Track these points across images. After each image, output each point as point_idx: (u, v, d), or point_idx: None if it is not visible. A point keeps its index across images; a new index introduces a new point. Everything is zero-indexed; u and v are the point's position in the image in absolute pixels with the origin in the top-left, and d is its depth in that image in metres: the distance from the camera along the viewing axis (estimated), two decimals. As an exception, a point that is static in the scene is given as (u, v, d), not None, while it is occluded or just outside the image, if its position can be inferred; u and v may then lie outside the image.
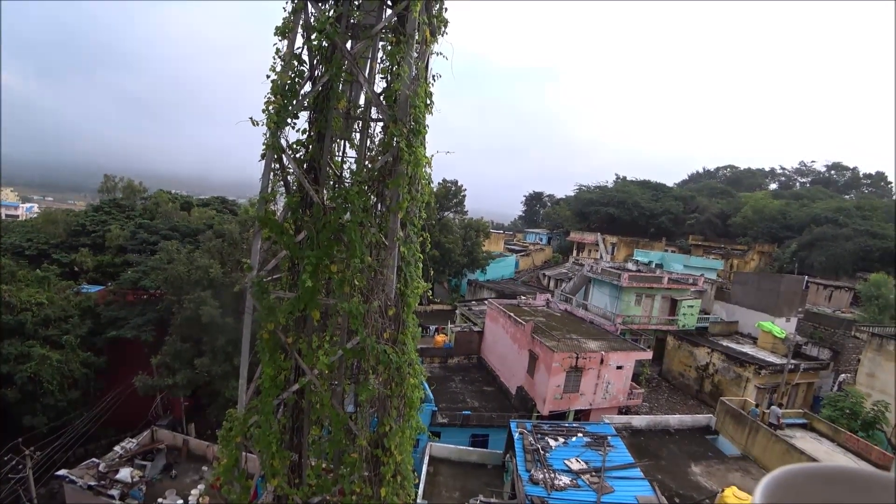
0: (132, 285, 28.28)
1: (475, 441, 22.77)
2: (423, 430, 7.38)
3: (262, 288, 6.29)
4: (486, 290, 49.70)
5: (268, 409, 6.42)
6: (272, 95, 6.01)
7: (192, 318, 23.66)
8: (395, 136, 6.09)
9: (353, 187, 6.28)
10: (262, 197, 6.35)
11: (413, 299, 6.89)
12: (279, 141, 6.22)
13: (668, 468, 18.76)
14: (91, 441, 24.06)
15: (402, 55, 6.03)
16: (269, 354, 6.44)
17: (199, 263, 25.35)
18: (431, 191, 7.12)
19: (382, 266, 6.48)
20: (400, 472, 6.80)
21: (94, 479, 19.44)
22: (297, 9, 6.19)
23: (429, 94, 6.62)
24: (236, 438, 6.57)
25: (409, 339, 6.79)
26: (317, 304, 6.28)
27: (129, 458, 21.21)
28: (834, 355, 31.16)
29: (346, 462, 6.39)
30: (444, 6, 6.96)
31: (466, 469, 19.80)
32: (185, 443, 22.82)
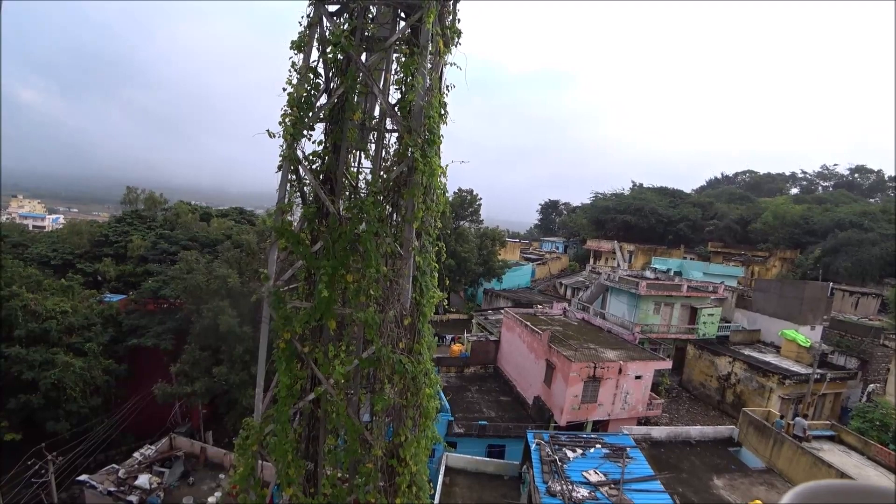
0: (152, 294, 28.83)
1: (492, 451, 22.54)
2: (438, 441, 7.34)
3: (279, 297, 6.36)
4: (503, 299, 49.49)
5: (284, 418, 6.45)
6: (289, 108, 6.12)
7: (211, 327, 23.98)
8: (410, 146, 6.13)
9: (368, 198, 6.33)
10: (278, 207, 6.44)
11: (429, 309, 6.89)
12: (295, 152, 6.31)
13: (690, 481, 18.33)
14: (111, 447, 24.45)
15: (415, 66, 6.09)
16: (286, 363, 6.48)
17: (217, 273, 25.73)
18: (447, 200, 7.14)
19: (398, 276, 6.50)
20: (415, 483, 6.76)
21: (113, 484, 19.74)
22: (312, 23, 6.31)
23: (443, 105, 6.66)
24: (253, 447, 6.62)
25: (425, 348, 6.78)
26: (333, 314, 6.32)
27: (148, 464, 21.50)
28: (862, 364, 30.22)
29: (361, 472, 6.38)
30: (457, 17, 7.02)
31: (483, 480, 19.60)
32: (203, 450, 23.05)
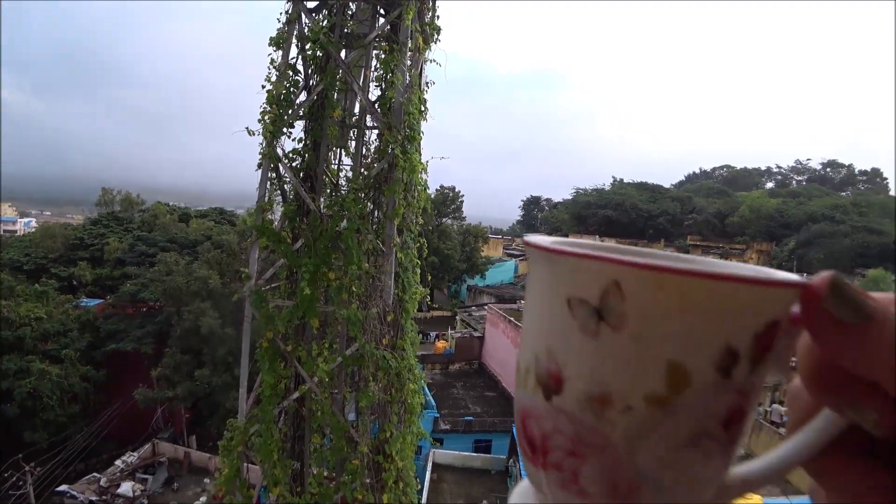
0: (131, 298, 28.25)
1: (478, 447, 22.67)
2: (424, 436, 7.37)
3: (261, 297, 6.31)
4: (486, 295, 49.69)
5: (268, 417, 6.41)
6: (268, 105, 6.07)
7: (192, 329, 23.63)
8: (390, 143, 6.14)
9: (349, 195, 6.32)
10: (259, 206, 6.39)
11: (411, 305, 6.91)
12: (275, 150, 6.27)
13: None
14: (92, 455, 23.92)
15: (395, 63, 6.09)
16: (269, 363, 6.44)
17: (197, 274, 25.35)
18: (428, 197, 7.17)
19: (380, 272, 6.51)
20: (402, 478, 6.79)
21: (95, 494, 19.34)
22: (291, 19, 6.26)
23: (423, 101, 6.68)
24: (237, 448, 6.57)
25: (409, 344, 6.81)
26: (315, 312, 6.30)
27: (131, 471, 21.10)
28: (835, 352, 31.13)
29: (347, 469, 6.39)
30: (436, 14, 7.04)
31: (470, 475, 19.72)
32: (187, 455, 22.73)
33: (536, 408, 0.33)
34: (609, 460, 0.31)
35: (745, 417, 0.31)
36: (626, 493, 0.31)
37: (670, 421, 0.29)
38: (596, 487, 0.32)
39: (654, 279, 0.27)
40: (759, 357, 0.30)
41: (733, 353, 0.28)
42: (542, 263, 0.33)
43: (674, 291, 0.27)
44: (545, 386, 0.32)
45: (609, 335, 0.29)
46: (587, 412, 0.30)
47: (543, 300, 0.33)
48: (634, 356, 0.29)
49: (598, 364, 0.30)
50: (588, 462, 0.31)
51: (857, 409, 0.28)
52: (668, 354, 0.28)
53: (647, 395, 0.29)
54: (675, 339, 0.28)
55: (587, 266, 0.29)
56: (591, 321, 0.29)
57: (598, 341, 0.29)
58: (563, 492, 0.33)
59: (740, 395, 0.30)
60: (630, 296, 0.28)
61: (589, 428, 0.30)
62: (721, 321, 0.28)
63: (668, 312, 0.27)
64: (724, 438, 0.31)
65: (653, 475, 0.31)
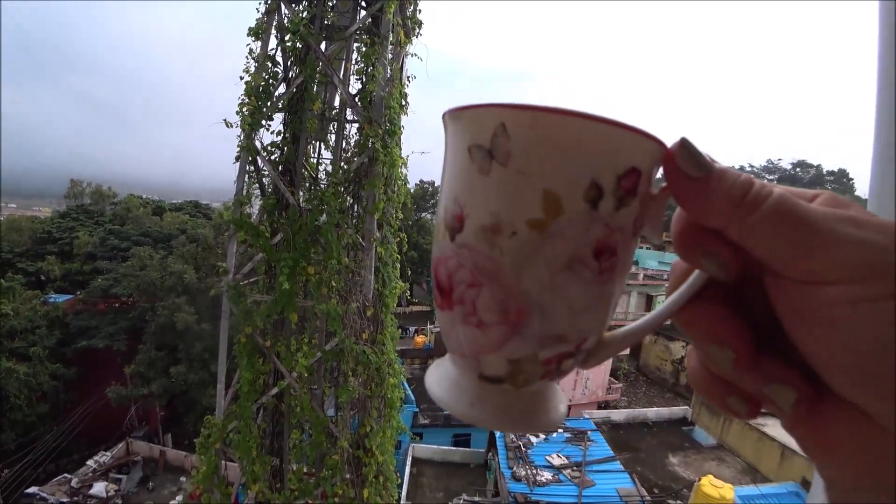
0: (103, 293, 27.48)
1: (457, 440, 22.83)
2: (404, 430, 7.40)
3: (239, 291, 6.24)
4: (466, 290, 49.74)
5: (247, 414, 6.35)
6: (246, 97, 5.98)
7: (167, 325, 23.16)
8: (371, 137, 6.11)
9: (328, 189, 6.27)
10: (237, 199, 6.30)
11: (391, 300, 6.91)
12: (254, 143, 6.18)
13: (647, 460, 19.16)
14: (63, 456, 23.29)
15: (376, 57, 6.05)
16: (247, 358, 6.38)
17: (172, 269, 24.83)
18: (408, 191, 7.16)
19: (360, 267, 6.49)
20: (382, 473, 6.81)
21: (66, 495, 18.84)
22: (270, 9, 6.17)
23: (403, 96, 6.66)
24: (215, 445, 6.49)
25: (388, 339, 6.81)
26: (294, 307, 6.25)
27: (104, 471, 20.63)
28: (803, 345, 32.15)
29: (327, 465, 6.37)
30: (418, 8, 7.01)
31: (450, 469, 19.86)
32: (162, 454, 22.32)
33: (444, 251, 0.37)
34: (500, 284, 0.34)
35: (615, 253, 0.35)
36: (515, 318, 0.35)
37: (548, 245, 0.33)
38: (490, 314, 0.35)
39: (531, 117, 0.31)
40: (623, 197, 0.34)
41: (598, 188, 0.33)
42: (451, 124, 0.37)
43: (547, 128, 0.31)
44: (451, 228, 0.36)
45: (498, 171, 0.33)
46: (482, 242, 0.34)
47: (453, 156, 0.37)
48: (517, 187, 0.33)
49: (490, 197, 0.34)
50: (484, 290, 0.35)
51: (708, 257, 0.32)
52: (544, 184, 0.32)
53: (529, 220, 0.33)
54: (549, 171, 0.32)
55: (481, 114, 0.33)
56: (485, 161, 0.33)
57: (490, 178, 0.33)
58: (466, 327, 0.37)
59: (608, 230, 0.34)
60: (513, 135, 0.32)
61: (484, 255, 0.34)
62: (587, 157, 0.32)
63: (542, 147, 0.32)
64: (597, 269, 0.35)
65: (537, 299, 0.34)
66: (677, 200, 0.34)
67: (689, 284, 0.36)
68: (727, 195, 0.31)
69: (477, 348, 0.38)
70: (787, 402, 0.31)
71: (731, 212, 0.31)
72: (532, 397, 0.41)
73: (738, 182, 0.31)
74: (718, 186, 0.31)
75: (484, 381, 0.40)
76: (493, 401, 0.40)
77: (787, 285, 0.30)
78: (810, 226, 0.29)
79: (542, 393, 0.42)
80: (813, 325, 0.29)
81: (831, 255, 0.28)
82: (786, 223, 0.29)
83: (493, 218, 0.34)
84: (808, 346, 0.30)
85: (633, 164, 0.33)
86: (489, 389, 0.40)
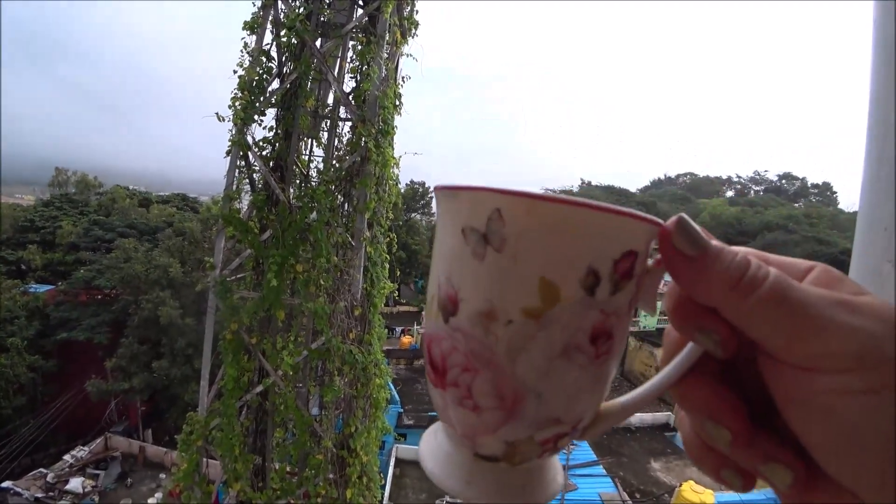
0: (85, 285, 27.03)
1: (442, 442, 22.80)
2: (388, 431, 7.37)
3: (226, 287, 6.17)
4: (454, 291, 49.75)
5: (230, 411, 6.28)
6: (239, 91, 5.92)
7: (150, 319, 22.85)
8: (364, 136, 6.09)
9: (319, 186, 6.23)
10: (226, 194, 6.23)
11: (379, 300, 6.89)
12: (245, 138, 6.13)
13: (630, 465, 19.33)
14: (39, 450, 22.84)
15: (372, 55, 6.04)
16: (232, 355, 6.31)
17: (157, 262, 24.50)
18: (399, 192, 7.15)
19: (349, 266, 6.46)
20: (366, 474, 6.78)
21: (41, 490, 18.48)
22: (266, 4, 6.12)
23: (398, 96, 6.65)
24: (197, 442, 6.41)
25: (376, 339, 6.78)
26: (281, 304, 6.20)
27: (81, 467, 20.27)
28: (784, 355, 32.65)
29: (311, 464, 6.33)
30: (415, 8, 7.01)
31: (433, 470, 19.81)
32: (142, 449, 21.99)
33: (438, 331, 0.37)
34: (495, 371, 0.34)
35: (611, 337, 0.35)
36: (511, 404, 0.35)
37: (544, 333, 0.33)
38: (486, 399, 0.35)
39: (527, 205, 0.32)
40: (619, 281, 0.34)
41: (595, 274, 0.33)
42: (445, 201, 0.37)
43: (543, 216, 0.31)
44: (444, 309, 0.36)
45: (493, 257, 0.33)
46: (477, 328, 0.34)
47: (446, 234, 0.37)
48: (513, 274, 0.33)
49: (485, 283, 0.34)
50: (479, 375, 0.35)
51: (703, 333, 0.33)
52: (541, 272, 0.32)
53: (524, 308, 0.33)
54: (546, 258, 0.32)
55: (477, 197, 0.33)
56: (479, 245, 0.33)
57: (485, 263, 0.33)
58: (460, 409, 0.37)
59: (604, 315, 0.34)
60: (509, 221, 0.32)
61: (479, 342, 0.34)
62: (583, 244, 0.32)
63: (539, 235, 0.32)
64: (594, 353, 0.35)
65: (533, 385, 0.35)
66: (673, 277, 0.34)
67: (684, 358, 0.36)
68: (723, 276, 0.31)
69: (472, 431, 0.38)
70: (784, 481, 0.32)
71: (726, 293, 0.31)
72: (529, 473, 0.41)
73: (734, 263, 0.31)
74: (714, 266, 0.31)
75: (479, 458, 0.39)
76: (489, 478, 0.40)
77: (782, 369, 0.31)
78: (805, 312, 0.29)
79: (539, 468, 0.42)
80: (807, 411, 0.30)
81: (825, 342, 0.28)
82: (781, 309, 0.29)
83: (488, 304, 0.34)
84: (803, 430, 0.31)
85: (629, 247, 0.33)
86: (485, 467, 0.40)
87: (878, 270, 0.67)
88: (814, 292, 0.30)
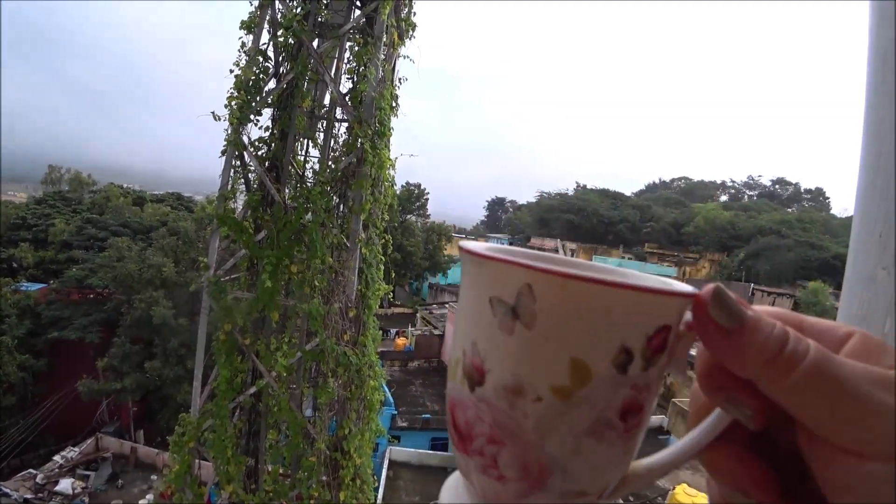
0: (77, 283, 26.82)
1: (435, 444, 22.75)
2: (382, 433, 7.35)
3: (220, 287, 6.14)
4: (448, 293, 49.83)
5: (223, 412, 6.25)
6: (235, 91, 5.91)
7: (143, 318, 22.69)
8: (360, 137, 6.08)
9: (315, 187, 6.22)
10: (221, 194, 6.21)
11: (374, 301, 6.87)
12: (241, 137, 6.11)
13: (622, 468, 19.30)
14: (28, 451, 22.61)
15: (369, 57, 6.04)
16: (226, 356, 6.28)
17: (151, 262, 24.35)
18: (394, 193, 7.14)
19: (343, 267, 6.44)
20: (359, 476, 6.75)
21: (30, 491, 18.29)
22: (263, 4, 6.11)
23: (394, 97, 6.65)
24: (189, 443, 6.37)
25: (370, 341, 6.76)
26: (276, 305, 6.18)
27: (71, 468, 20.07)
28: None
29: (304, 466, 6.30)
30: (412, 10, 7.02)
31: (426, 473, 19.77)
32: (133, 450, 21.80)
33: (463, 398, 0.37)
34: (522, 446, 0.34)
35: (641, 410, 0.35)
36: (537, 477, 0.35)
37: (574, 411, 0.33)
38: (512, 471, 0.35)
39: (560, 283, 0.31)
40: (651, 356, 0.33)
41: (628, 352, 0.32)
42: (471, 266, 0.36)
43: (576, 295, 0.31)
44: (470, 377, 0.36)
45: (523, 332, 0.32)
46: (504, 401, 0.34)
47: (471, 299, 0.36)
48: (543, 352, 0.32)
49: (513, 358, 0.33)
50: (505, 448, 0.35)
51: (736, 405, 0.32)
52: (572, 351, 0.32)
53: (554, 386, 0.32)
54: (578, 337, 0.32)
55: (506, 270, 0.33)
56: (508, 319, 0.33)
57: (514, 337, 0.33)
58: (484, 477, 0.37)
59: (636, 390, 0.34)
60: (540, 297, 0.31)
61: (506, 416, 0.34)
62: (616, 323, 0.31)
63: (571, 314, 0.31)
64: (623, 428, 0.35)
65: (560, 461, 0.34)
66: (706, 347, 0.32)
67: (711, 424, 0.35)
68: (761, 351, 0.30)
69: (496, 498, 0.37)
70: None
71: (764, 369, 0.30)
72: None
73: (772, 337, 0.30)
74: (752, 340, 0.30)
75: None
76: None
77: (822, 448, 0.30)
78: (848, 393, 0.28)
79: None
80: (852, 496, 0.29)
81: (869, 426, 0.27)
82: (822, 388, 0.28)
83: (515, 379, 0.33)
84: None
85: (664, 322, 0.33)
86: None
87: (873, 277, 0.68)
88: (856, 370, 0.29)
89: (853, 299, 0.70)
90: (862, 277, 0.71)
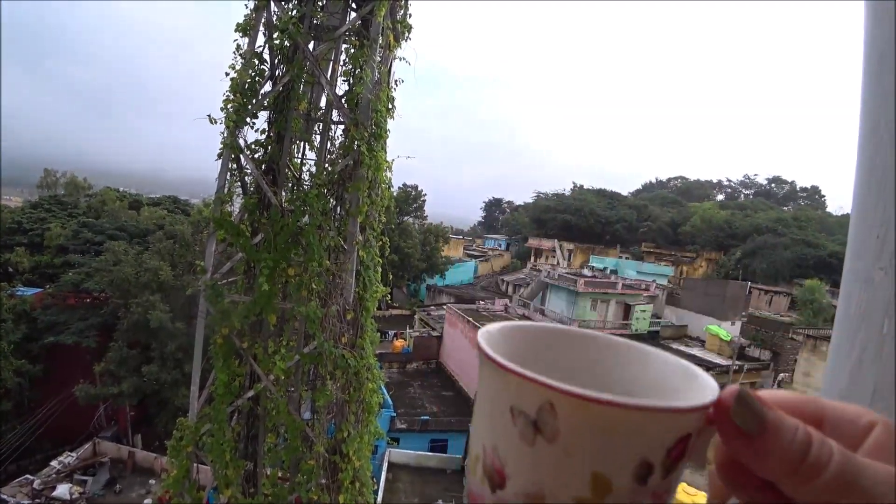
0: (74, 288, 26.71)
1: (434, 446, 22.72)
2: (381, 436, 7.33)
3: (217, 291, 6.12)
4: (446, 295, 49.84)
5: (221, 416, 6.22)
6: (231, 93, 5.89)
7: (140, 322, 22.61)
8: (356, 139, 6.07)
9: (312, 190, 6.21)
10: (218, 197, 6.19)
11: (372, 303, 6.86)
12: (237, 140, 6.09)
13: (622, 468, 19.32)
14: (25, 456, 22.49)
15: (365, 59, 6.03)
16: (223, 360, 6.25)
17: (148, 265, 24.26)
18: (391, 195, 7.13)
19: (341, 270, 6.43)
20: (358, 479, 6.73)
21: (27, 497, 18.19)
22: (259, 6, 6.10)
23: (391, 99, 6.64)
24: (187, 448, 6.34)
25: (368, 343, 6.75)
26: (273, 308, 6.16)
27: (68, 473, 19.96)
28: (774, 356, 32.95)
29: (303, 469, 6.28)
30: (408, 12, 7.01)
31: (425, 475, 19.74)
32: (131, 455, 21.71)
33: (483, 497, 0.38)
34: None
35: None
36: None
37: None
38: None
39: (581, 405, 0.32)
40: (671, 465, 0.34)
41: (648, 465, 0.33)
42: (490, 373, 0.38)
43: (597, 416, 0.32)
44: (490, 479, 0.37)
45: (544, 445, 0.33)
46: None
47: (492, 401, 0.37)
48: (564, 465, 0.33)
49: (534, 468, 0.34)
50: None
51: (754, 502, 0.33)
52: (593, 466, 0.33)
53: (575, 498, 0.33)
54: (599, 453, 0.33)
55: (528, 387, 0.33)
56: (528, 431, 0.34)
57: (535, 449, 0.34)
58: None
59: (655, 497, 0.34)
60: (562, 416, 0.32)
61: None
62: (637, 440, 0.33)
63: (592, 433, 0.32)
64: None
65: None
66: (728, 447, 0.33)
67: None
68: (783, 459, 0.30)
69: None
70: None
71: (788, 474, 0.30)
72: None
73: (795, 442, 0.30)
74: (775, 447, 0.30)
75: None
76: None
77: None
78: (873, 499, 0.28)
79: None
80: None
81: None
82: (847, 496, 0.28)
83: (536, 488, 0.34)
84: None
85: (684, 432, 0.33)
86: None
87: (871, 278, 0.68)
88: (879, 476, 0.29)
89: (851, 300, 0.70)
90: (860, 278, 0.70)
